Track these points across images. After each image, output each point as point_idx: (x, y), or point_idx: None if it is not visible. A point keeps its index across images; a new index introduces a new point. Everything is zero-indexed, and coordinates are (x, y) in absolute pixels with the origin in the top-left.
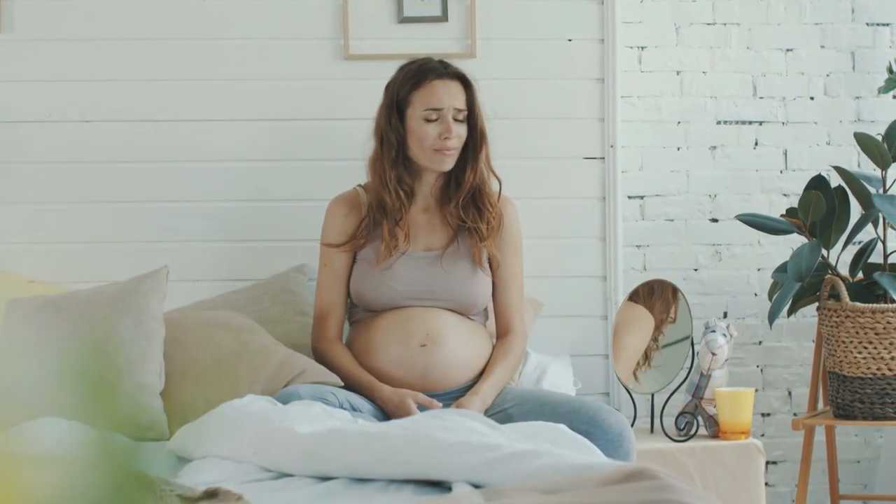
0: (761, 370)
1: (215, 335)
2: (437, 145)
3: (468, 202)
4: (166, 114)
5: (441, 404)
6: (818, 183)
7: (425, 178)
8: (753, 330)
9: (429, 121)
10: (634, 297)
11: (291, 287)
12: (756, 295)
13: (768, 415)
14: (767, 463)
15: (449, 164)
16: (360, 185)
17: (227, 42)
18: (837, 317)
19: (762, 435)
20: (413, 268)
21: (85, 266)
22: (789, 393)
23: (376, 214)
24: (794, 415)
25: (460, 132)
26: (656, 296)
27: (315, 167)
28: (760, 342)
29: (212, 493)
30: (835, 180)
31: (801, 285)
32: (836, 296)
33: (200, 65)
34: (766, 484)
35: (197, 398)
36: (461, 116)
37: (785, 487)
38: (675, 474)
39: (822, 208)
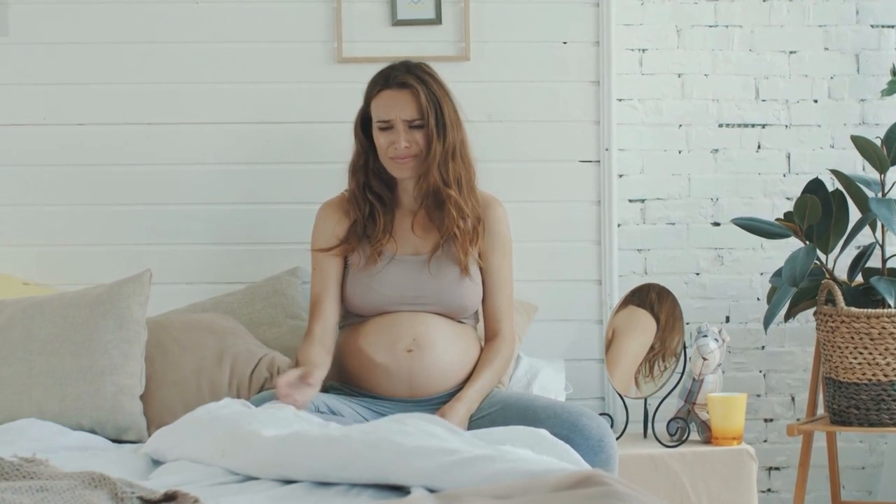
0: (764, 375)
1: (199, 338)
2: (390, 153)
3: (438, 207)
4: (160, 117)
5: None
6: (816, 187)
7: (405, 183)
8: (756, 335)
9: (382, 130)
10: (627, 301)
11: (283, 290)
12: (758, 299)
13: (771, 420)
14: (770, 469)
15: (405, 171)
16: (347, 190)
17: (221, 45)
18: (833, 322)
19: (764, 441)
20: (401, 272)
21: (79, 268)
22: (792, 398)
23: (364, 220)
24: (797, 420)
25: (416, 139)
26: (649, 300)
27: (308, 170)
28: (763, 347)
29: (170, 497)
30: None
31: (799, 290)
32: (833, 300)
33: (194, 68)
34: (769, 490)
35: (176, 401)
36: (416, 124)
37: (787, 494)
38: (627, 481)
39: (817, 212)
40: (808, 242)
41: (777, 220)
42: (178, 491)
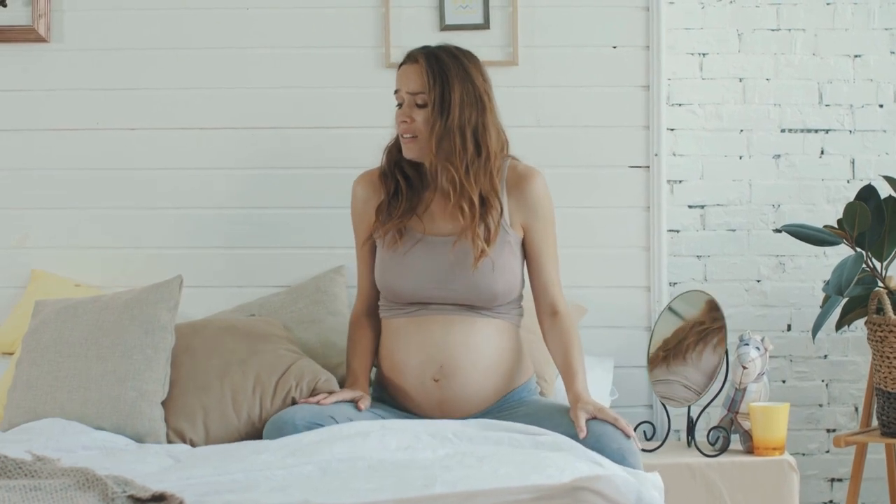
0: (826, 385)
1: (228, 343)
2: (399, 130)
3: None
4: (211, 122)
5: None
6: (868, 193)
7: (431, 165)
8: (818, 343)
9: (397, 107)
10: (672, 308)
11: (327, 287)
12: (821, 308)
13: (833, 431)
14: (832, 480)
15: (409, 150)
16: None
17: (270, 51)
18: (882, 331)
19: (826, 451)
20: (430, 255)
21: (131, 271)
22: (856, 409)
23: (389, 197)
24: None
25: (415, 116)
26: (695, 307)
27: (357, 175)
28: (825, 356)
29: (159, 497)
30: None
31: (852, 298)
32: (883, 310)
33: (244, 73)
34: (831, 502)
35: (197, 406)
36: (420, 100)
37: None
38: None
39: (866, 219)
40: (857, 250)
41: (826, 227)
42: (165, 492)
